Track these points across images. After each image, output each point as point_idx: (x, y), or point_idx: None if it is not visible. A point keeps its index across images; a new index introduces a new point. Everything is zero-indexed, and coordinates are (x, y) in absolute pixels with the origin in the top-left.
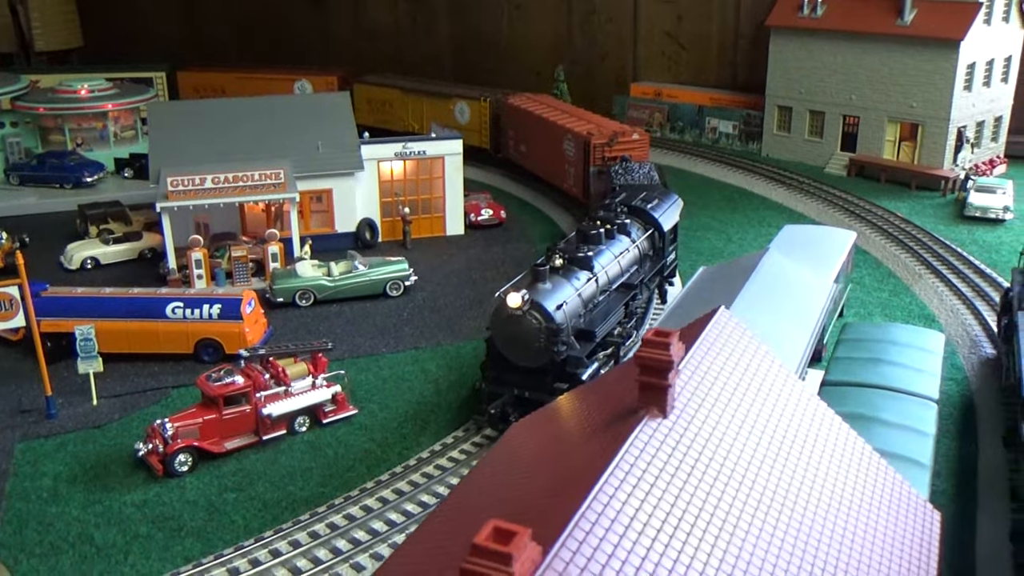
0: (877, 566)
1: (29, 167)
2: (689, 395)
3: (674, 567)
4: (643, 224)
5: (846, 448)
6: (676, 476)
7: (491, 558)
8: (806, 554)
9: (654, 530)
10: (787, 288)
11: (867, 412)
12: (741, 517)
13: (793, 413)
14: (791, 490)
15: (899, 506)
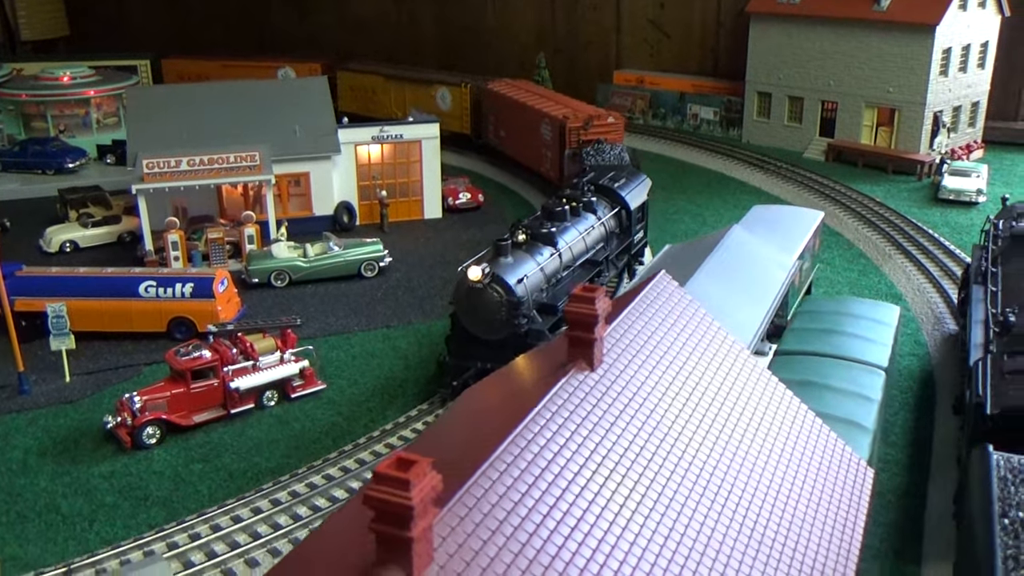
0: (802, 517)
1: (11, 153)
2: (620, 351)
3: (584, 515)
4: (610, 202)
5: (780, 407)
6: (598, 426)
7: (391, 484)
8: (728, 502)
9: (567, 479)
10: (748, 264)
11: (816, 379)
12: (662, 468)
13: (728, 373)
14: (718, 443)
15: (832, 463)
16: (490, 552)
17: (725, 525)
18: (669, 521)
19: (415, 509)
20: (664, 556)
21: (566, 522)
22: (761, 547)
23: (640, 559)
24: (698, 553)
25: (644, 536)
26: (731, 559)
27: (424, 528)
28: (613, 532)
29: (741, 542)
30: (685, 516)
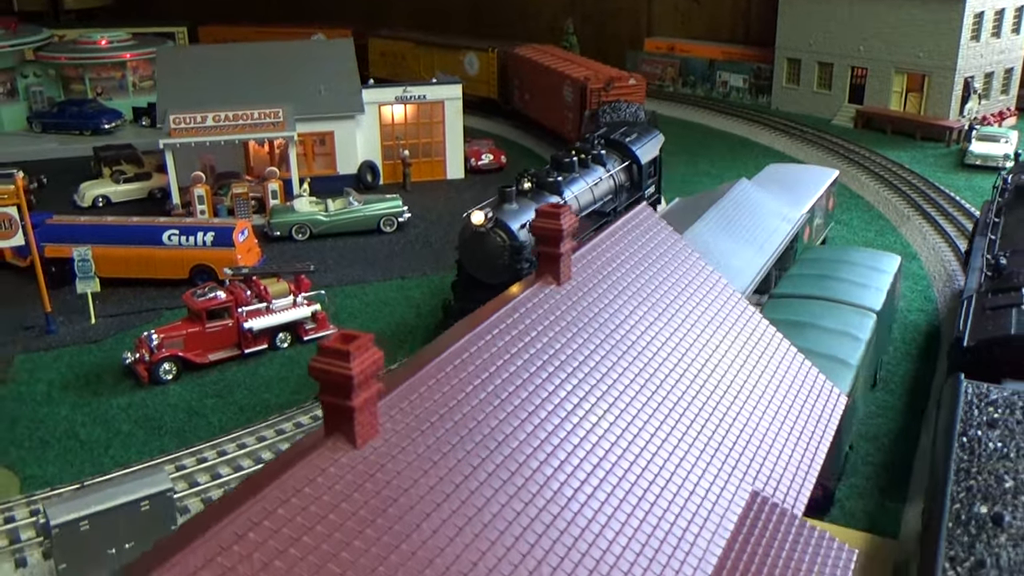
0: (764, 433)
1: (50, 115)
2: (591, 271)
3: (534, 413)
4: (620, 156)
5: (755, 336)
6: (558, 334)
7: (333, 356)
8: (686, 413)
9: (521, 377)
10: (751, 215)
11: (804, 319)
12: (620, 377)
13: (701, 299)
14: (682, 361)
15: (803, 389)
16: (436, 433)
17: (681, 433)
18: (619, 427)
19: (355, 379)
20: (612, 455)
21: (514, 417)
22: (716, 455)
23: (583, 459)
24: (644, 459)
25: (590, 439)
26: (681, 464)
27: (366, 399)
28: (562, 429)
29: (697, 448)
30: (637, 423)
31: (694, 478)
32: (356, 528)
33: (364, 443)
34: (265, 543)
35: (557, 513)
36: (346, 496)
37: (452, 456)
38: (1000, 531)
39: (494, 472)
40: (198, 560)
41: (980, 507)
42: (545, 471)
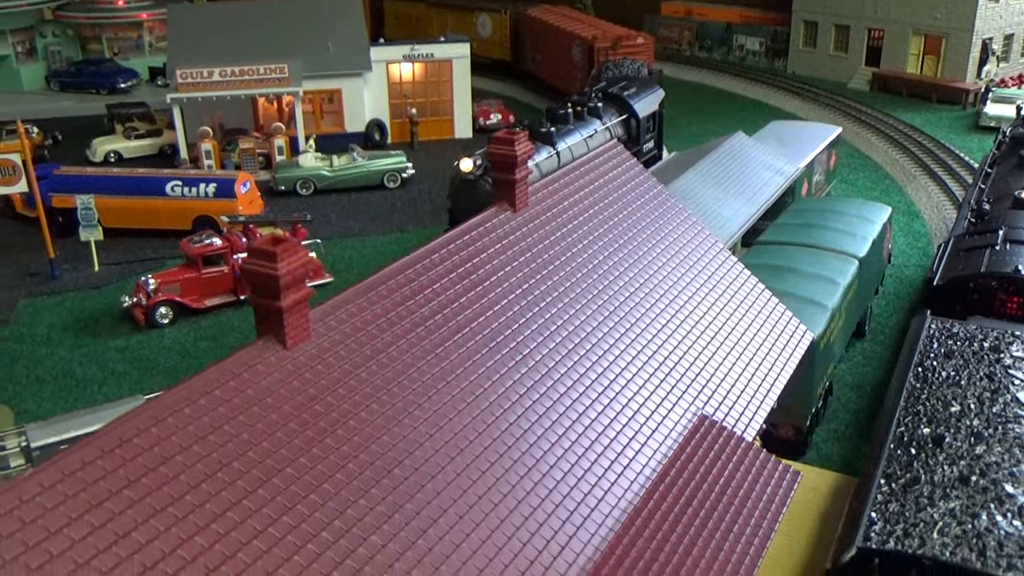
0: (720, 362)
1: (68, 74)
2: (552, 200)
3: (469, 333)
4: (618, 110)
5: (721, 272)
6: (505, 261)
7: (262, 257)
8: (637, 339)
9: (460, 301)
10: (743, 167)
11: (784, 264)
12: (570, 303)
13: (668, 235)
14: (640, 291)
15: (767, 324)
16: (371, 343)
17: (631, 356)
18: (563, 348)
19: (282, 279)
20: (553, 373)
21: (452, 332)
22: (667, 379)
23: (521, 375)
24: (587, 379)
25: (532, 357)
26: (628, 385)
27: (295, 301)
28: (503, 348)
29: (647, 371)
30: (584, 346)
31: (640, 399)
32: (279, 420)
33: (295, 345)
34: (184, 428)
35: (486, 424)
36: (272, 391)
37: (384, 365)
38: (939, 451)
39: (426, 381)
40: (110, 443)
41: (923, 429)
42: (482, 384)
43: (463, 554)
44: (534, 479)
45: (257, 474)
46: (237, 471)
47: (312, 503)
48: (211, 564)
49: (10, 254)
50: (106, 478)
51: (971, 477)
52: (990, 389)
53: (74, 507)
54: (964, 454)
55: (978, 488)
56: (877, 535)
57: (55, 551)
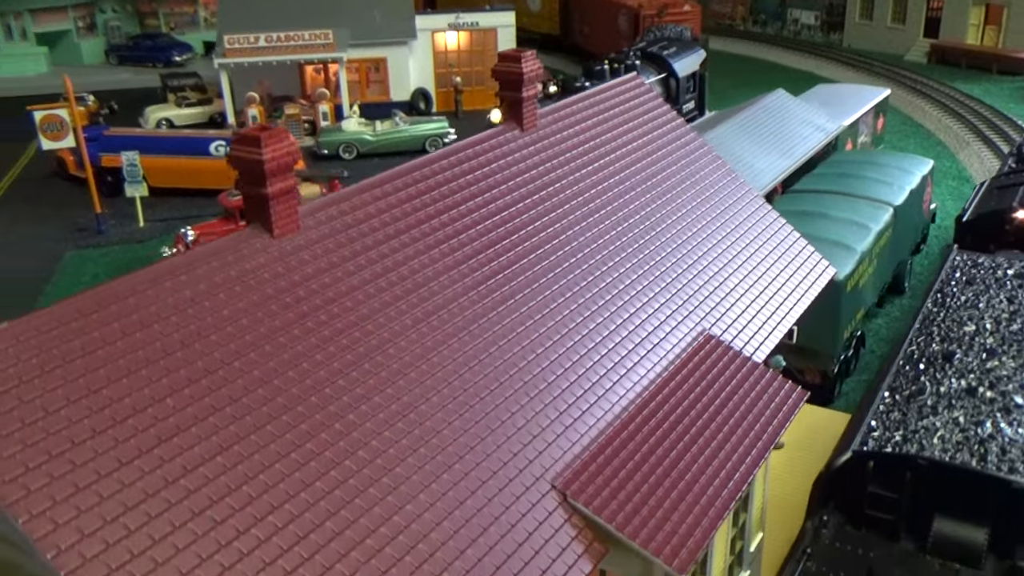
0: (734, 287)
1: (126, 48)
2: (563, 123)
3: (461, 244)
4: (657, 69)
5: (741, 205)
6: (507, 176)
7: (246, 142)
8: (644, 259)
9: (454, 212)
10: (782, 122)
11: (815, 209)
12: (572, 220)
13: (686, 167)
14: (650, 214)
15: (784, 255)
16: (362, 240)
17: (633, 276)
18: (558, 264)
19: (266, 165)
20: (543, 289)
21: (443, 241)
22: (674, 298)
23: (509, 284)
24: (583, 295)
25: (522, 268)
26: (631, 301)
27: (282, 189)
28: (500, 254)
29: (651, 290)
30: (582, 263)
31: (643, 314)
32: (260, 300)
33: (282, 235)
34: (163, 300)
35: (476, 323)
36: (255, 273)
37: (373, 260)
38: (949, 366)
39: (418, 280)
40: (84, 307)
41: (934, 347)
42: (475, 287)
43: (448, 441)
44: (529, 384)
45: (234, 347)
46: (214, 343)
47: (289, 379)
48: (182, 425)
49: (61, 211)
50: (79, 337)
51: (979, 389)
52: (1008, 311)
53: (45, 360)
54: (974, 368)
55: (984, 399)
56: (875, 441)
57: (24, 398)
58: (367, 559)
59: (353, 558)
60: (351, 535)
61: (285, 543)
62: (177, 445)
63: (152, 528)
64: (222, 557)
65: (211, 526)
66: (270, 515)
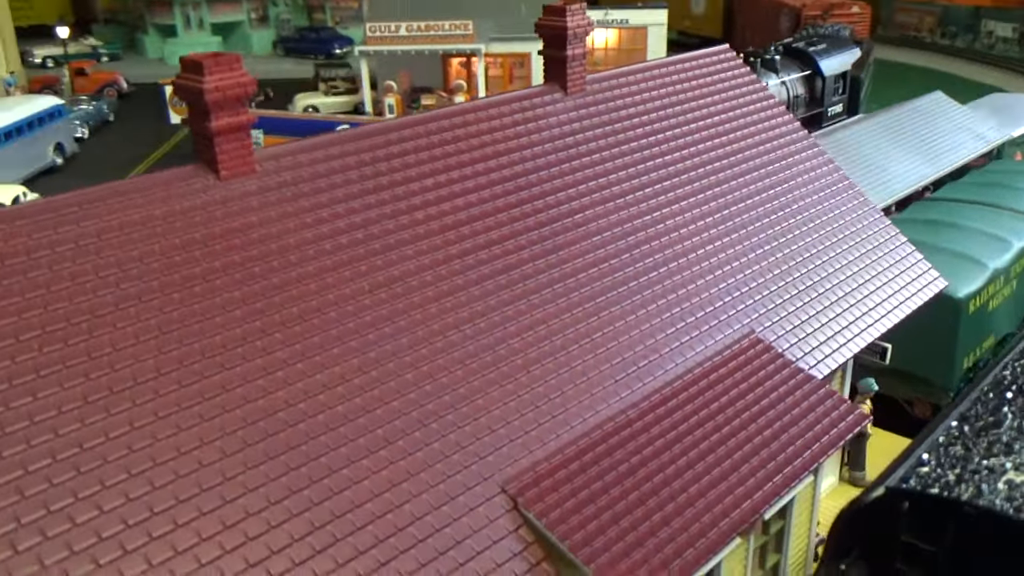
0: (801, 288)
1: (292, 40)
2: (619, 91)
3: (454, 202)
4: (800, 66)
5: (841, 204)
6: (530, 138)
7: (190, 69)
8: (709, 252)
9: (461, 172)
10: (934, 127)
11: (947, 219)
12: (602, 198)
13: (767, 147)
14: (715, 202)
15: (883, 259)
16: (330, 192)
17: (675, 262)
18: (583, 236)
19: (208, 95)
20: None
21: (434, 204)
22: (726, 289)
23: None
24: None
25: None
26: (657, 289)
27: (230, 125)
28: (491, 237)
29: (692, 280)
30: (612, 254)
31: (670, 309)
32: (180, 244)
33: (231, 176)
34: (83, 228)
35: (442, 298)
36: (184, 216)
37: (338, 216)
38: None
39: (390, 244)
40: None
41: None
42: (446, 252)
43: (382, 421)
44: (502, 372)
45: (144, 287)
46: (121, 277)
47: (213, 324)
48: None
49: None
50: None
51: None
52: None
53: None
54: None
55: None
56: (919, 478)
57: None
58: (302, 531)
59: (286, 529)
60: (278, 495)
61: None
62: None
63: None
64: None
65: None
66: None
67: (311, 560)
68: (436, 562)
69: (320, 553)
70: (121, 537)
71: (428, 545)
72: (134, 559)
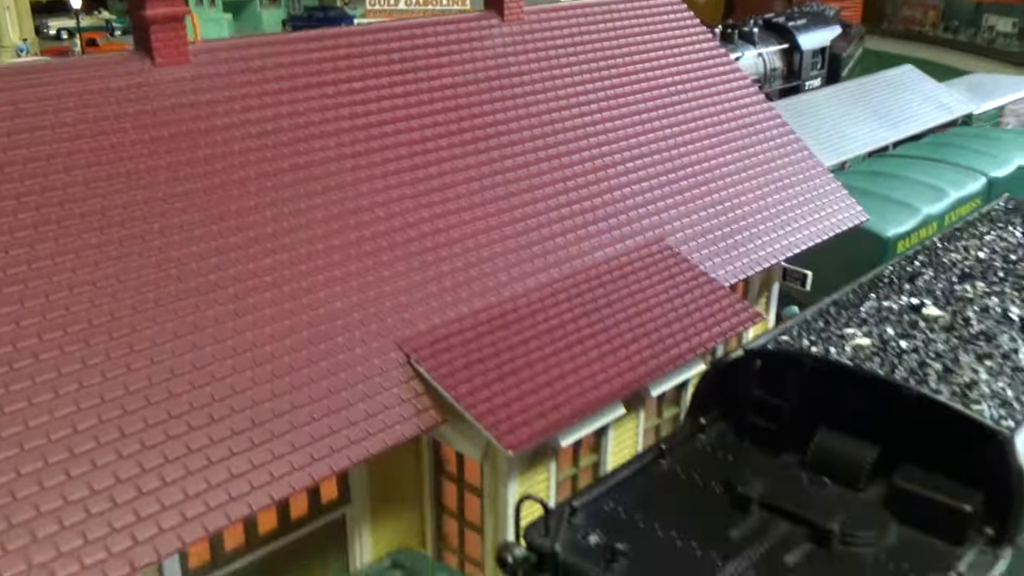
0: (727, 210)
1: (301, 19)
2: (555, 23)
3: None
4: (778, 39)
5: (771, 138)
6: (455, 57)
7: None
8: (625, 172)
9: (369, 84)
10: (900, 96)
11: (893, 171)
12: (532, 122)
13: (705, 86)
14: (638, 127)
15: (803, 192)
16: (262, 86)
17: (594, 183)
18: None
19: None
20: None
21: (356, 109)
22: (632, 204)
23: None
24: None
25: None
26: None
27: (165, 14)
28: (415, 149)
29: (602, 196)
30: (536, 171)
31: (580, 218)
32: (117, 115)
33: (166, 63)
34: (23, 95)
35: (360, 198)
36: (119, 92)
37: (265, 119)
38: (911, 285)
39: (314, 146)
40: None
41: (910, 268)
42: (369, 159)
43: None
44: (412, 254)
45: (70, 163)
46: (68, 136)
47: (134, 200)
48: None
49: None
50: None
51: (927, 306)
52: (1015, 243)
53: None
54: (936, 289)
55: (929, 317)
56: (779, 343)
57: None
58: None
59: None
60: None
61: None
62: None
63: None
64: None
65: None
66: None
67: (214, 385)
68: (328, 399)
69: (217, 381)
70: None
71: (321, 385)
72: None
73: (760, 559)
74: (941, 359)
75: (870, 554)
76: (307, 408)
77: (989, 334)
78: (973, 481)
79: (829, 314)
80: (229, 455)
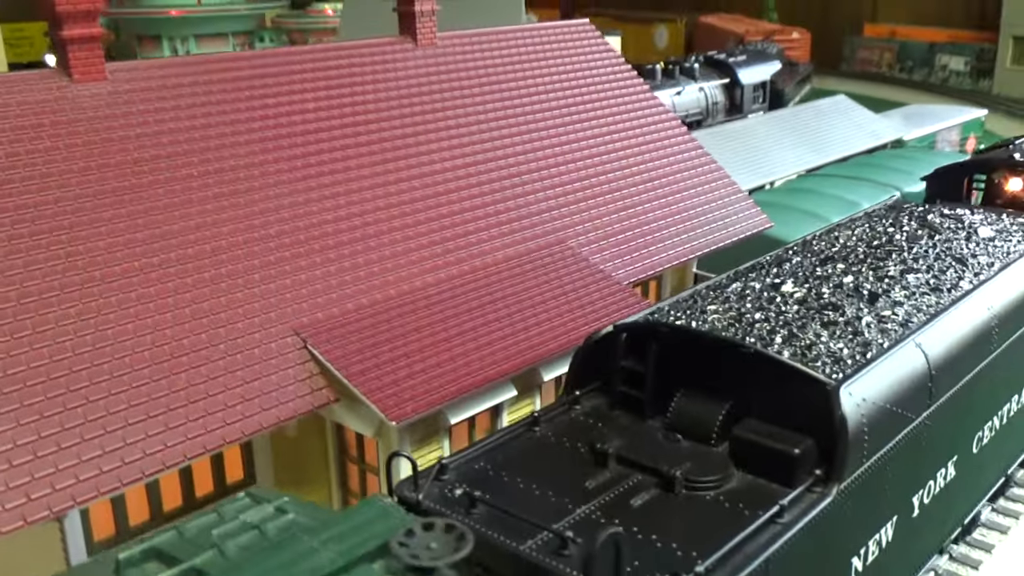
0: (628, 217)
1: None
2: (472, 49)
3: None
4: (719, 74)
5: (680, 154)
6: (368, 78)
7: None
8: (534, 182)
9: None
10: (830, 124)
11: (812, 187)
12: (439, 145)
13: (617, 109)
14: (553, 146)
15: (714, 204)
16: (175, 102)
17: (502, 192)
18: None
19: (59, 6)
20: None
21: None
22: (536, 209)
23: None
24: None
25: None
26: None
27: (81, 35)
28: (310, 161)
29: (509, 202)
30: (437, 185)
31: (487, 220)
32: (33, 125)
33: (83, 80)
34: None
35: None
36: (37, 106)
37: (177, 130)
38: (777, 268)
39: (220, 165)
40: None
41: (781, 255)
42: (266, 169)
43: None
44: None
45: None
46: None
47: (46, 172)
48: None
49: None
50: None
51: (787, 285)
52: (881, 231)
53: None
54: (799, 271)
55: (787, 294)
56: (648, 319)
57: None
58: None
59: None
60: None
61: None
62: None
63: None
64: None
65: None
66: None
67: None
68: (223, 377)
69: (116, 359)
70: None
71: (218, 364)
72: None
73: (609, 503)
74: (788, 327)
75: (711, 497)
76: (203, 385)
77: (837, 305)
78: (804, 429)
79: (699, 294)
80: (125, 424)
